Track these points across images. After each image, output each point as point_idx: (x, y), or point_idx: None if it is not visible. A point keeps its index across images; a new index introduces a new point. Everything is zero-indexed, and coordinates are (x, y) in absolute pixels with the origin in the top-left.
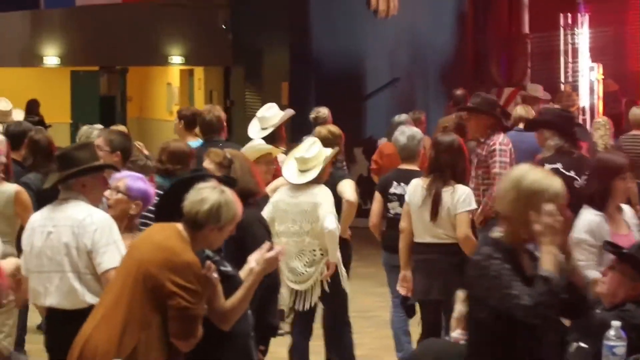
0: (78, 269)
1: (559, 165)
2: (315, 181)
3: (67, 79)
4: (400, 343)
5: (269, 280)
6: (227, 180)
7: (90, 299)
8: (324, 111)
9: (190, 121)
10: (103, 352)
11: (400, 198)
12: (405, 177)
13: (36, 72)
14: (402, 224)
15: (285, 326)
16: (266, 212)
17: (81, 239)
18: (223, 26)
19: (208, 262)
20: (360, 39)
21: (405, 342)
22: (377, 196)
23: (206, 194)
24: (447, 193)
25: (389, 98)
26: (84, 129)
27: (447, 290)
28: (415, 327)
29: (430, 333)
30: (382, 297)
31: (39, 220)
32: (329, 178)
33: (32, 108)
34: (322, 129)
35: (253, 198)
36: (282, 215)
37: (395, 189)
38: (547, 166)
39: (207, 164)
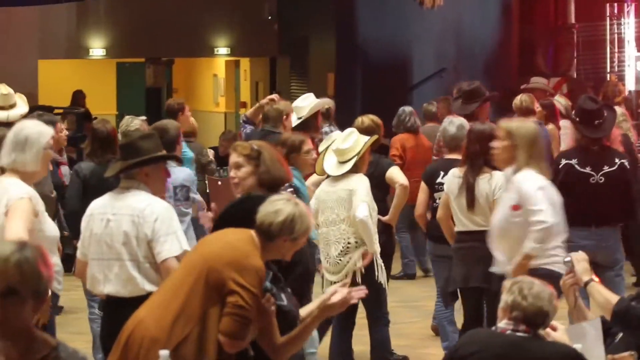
0: (137, 258)
1: (574, 161)
2: (354, 170)
3: (113, 71)
4: (445, 333)
5: (303, 269)
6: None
7: (148, 287)
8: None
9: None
10: (151, 338)
11: None
12: (451, 167)
13: (82, 64)
14: (439, 213)
15: None
16: (311, 204)
17: (141, 229)
18: (269, 17)
19: (267, 295)
20: (406, 29)
21: (450, 331)
22: (423, 186)
23: (280, 206)
24: (484, 180)
25: (435, 88)
26: (126, 118)
27: (487, 278)
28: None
29: (472, 321)
30: (427, 287)
31: (99, 207)
32: (377, 166)
33: (77, 99)
34: (364, 118)
35: (282, 186)
36: (322, 205)
37: (441, 178)
38: (563, 161)
39: (235, 157)
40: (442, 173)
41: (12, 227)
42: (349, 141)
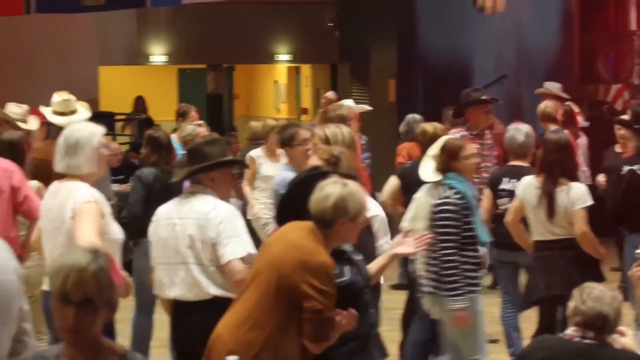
0: (202, 261)
1: (636, 167)
2: None
3: (175, 77)
4: (510, 339)
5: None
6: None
7: (214, 290)
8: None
9: None
10: (228, 351)
11: (511, 194)
12: (516, 174)
13: (143, 70)
14: (509, 218)
15: None
16: (409, 210)
17: (206, 232)
18: (330, 23)
19: None
20: (467, 36)
21: (515, 338)
22: (487, 192)
23: (329, 190)
24: (562, 193)
25: (496, 95)
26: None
27: (568, 285)
28: (524, 323)
29: (546, 329)
30: (492, 293)
31: (165, 213)
32: None
33: (138, 106)
34: (428, 126)
35: None
36: (419, 212)
37: (505, 185)
38: (625, 168)
39: (315, 160)
40: (504, 179)
41: (83, 231)
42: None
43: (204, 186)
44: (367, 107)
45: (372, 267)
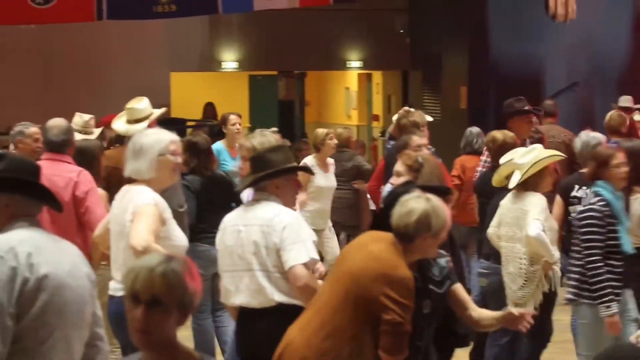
0: (267, 268)
1: None
2: (530, 188)
3: (246, 84)
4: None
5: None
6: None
7: (278, 297)
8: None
9: None
10: (300, 358)
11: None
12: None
13: (215, 77)
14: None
15: None
16: (495, 216)
17: (270, 238)
18: (401, 30)
19: None
20: (538, 43)
21: None
22: (558, 200)
23: (412, 205)
24: (636, 202)
25: (567, 102)
26: (257, 131)
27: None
28: None
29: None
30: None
31: (231, 220)
32: None
33: (208, 112)
34: (498, 134)
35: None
36: (504, 218)
37: (577, 192)
38: None
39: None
40: (577, 187)
41: (137, 231)
42: (526, 157)
43: (268, 193)
44: (429, 118)
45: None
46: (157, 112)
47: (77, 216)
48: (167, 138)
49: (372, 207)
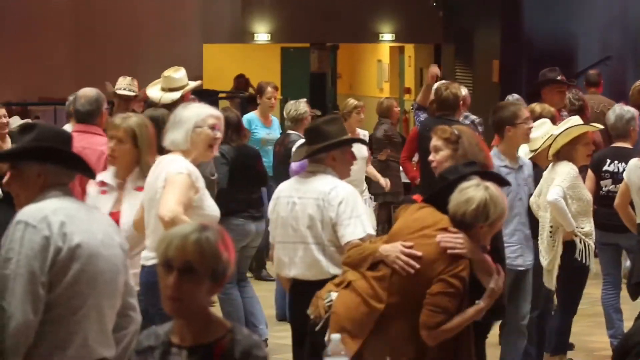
0: (322, 241)
1: None
2: (565, 157)
3: (278, 56)
4: (611, 321)
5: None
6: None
7: (333, 270)
8: None
9: None
10: (342, 327)
11: (613, 175)
12: (620, 155)
13: (247, 49)
14: (617, 201)
15: None
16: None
17: (326, 212)
18: (434, 3)
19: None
20: (571, 18)
21: (616, 319)
22: (590, 174)
23: (471, 194)
24: None
25: (600, 76)
26: (290, 103)
27: None
28: (625, 304)
29: None
30: (593, 275)
31: (285, 191)
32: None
33: (240, 84)
34: (537, 107)
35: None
36: (542, 188)
37: (608, 166)
38: None
39: (435, 140)
40: (608, 161)
41: (166, 200)
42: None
43: (325, 165)
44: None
45: None
46: (193, 84)
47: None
48: (206, 112)
49: (404, 178)
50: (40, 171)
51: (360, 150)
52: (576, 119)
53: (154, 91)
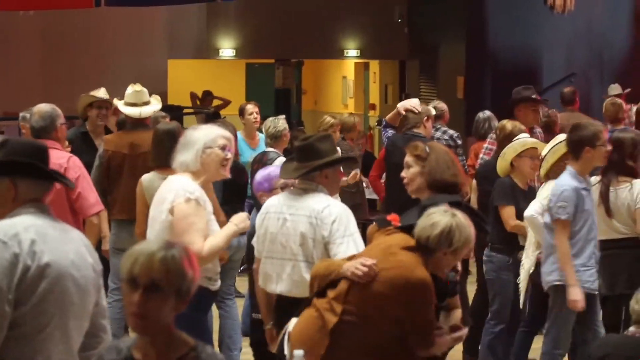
0: (312, 259)
1: None
2: (553, 177)
3: (242, 71)
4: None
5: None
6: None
7: None
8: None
9: None
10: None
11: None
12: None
13: (212, 64)
14: None
15: None
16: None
17: (319, 230)
18: (399, 20)
19: None
20: (536, 34)
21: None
22: None
23: (437, 218)
24: (625, 190)
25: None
26: (269, 120)
27: (631, 284)
28: None
29: (611, 328)
30: None
31: (275, 206)
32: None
33: (206, 99)
34: (508, 124)
35: (454, 190)
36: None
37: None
38: None
39: (407, 157)
40: None
41: (190, 240)
42: (547, 147)
43: (316, 183)
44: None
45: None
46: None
47: (70, 203)
48: (216, 132)
49: (369, 194)
50: (10, 186)
51: None
52: (562, 136)
53: (128, 109)
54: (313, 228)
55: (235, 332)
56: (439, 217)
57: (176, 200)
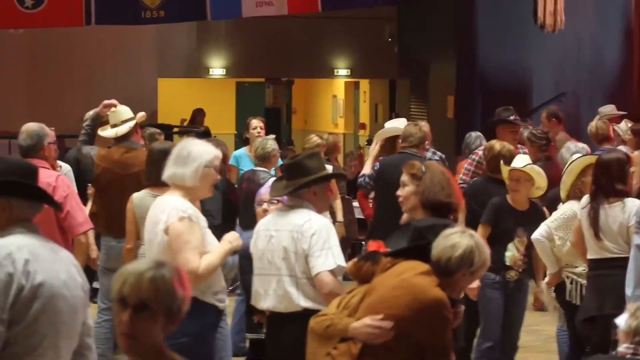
0: (295, 273)
1: None
2: (571, 197)
3: (233, 90)
4: (564, 357)
5: None
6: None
7: (304, 302)
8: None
9: None
10: None
11: None
12: None
13: (202, 83)
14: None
15: None
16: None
17: (299, 244)
18: (389, 39)
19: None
20: (526, 53)
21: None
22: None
23: (457, 239)
24: (616, 209)
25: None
26: (259, 141)
27: (620, 305)
28: None
29: (598, 348)
30: (547, 312)
31: (265, 224)
32: None
33: (196, 118)
34: (496, 145)
35: (448, 210)
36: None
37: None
38: None
39: (403, 175)
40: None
41: (185, 259)
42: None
43: (303, 200)
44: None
45: None
46: (140, 115)
47: (58, 221)
48: (215, 152)
49: (358, 214)
50: (7, 205)
51: None
52: (576, 156)
53: (108, 132)
54: (294, 242)
55: (227, 353)
56: (459, 238)
57: (169, 220)
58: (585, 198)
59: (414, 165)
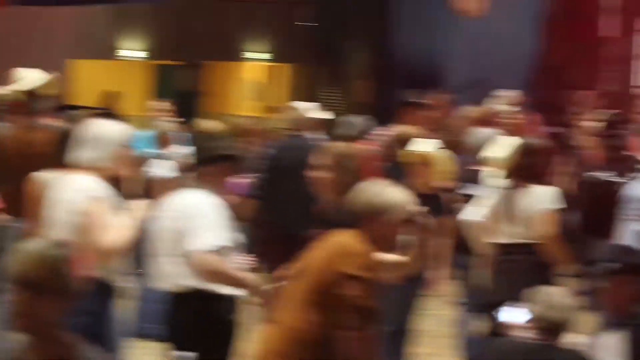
0: (177, 253)
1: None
2: None
3: (148, 73)
4: (469, 343)
5: None
6: None
7: (188, 282)
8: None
9: None
10: None
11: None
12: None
13: (116, 66)
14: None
15: None
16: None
17: (181, 223)
18: (303, 23)
19: None
20: (442, 40)
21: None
22: None
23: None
24: (525, 195)
25: (469, 100)
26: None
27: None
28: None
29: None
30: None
31: (164, 206)
32: None
33: (109, 100)
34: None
35: None
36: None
37: (465, 190)
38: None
39: (315, 159)
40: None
41: (97, 240)
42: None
43: (199, 180)
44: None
45: None
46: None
47: None
48: (123, 130)
49: None
50: None
51: None
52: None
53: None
54: (176, 221)
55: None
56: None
57: (81, 200)
58: (503, 182)
59: (325, 149)
